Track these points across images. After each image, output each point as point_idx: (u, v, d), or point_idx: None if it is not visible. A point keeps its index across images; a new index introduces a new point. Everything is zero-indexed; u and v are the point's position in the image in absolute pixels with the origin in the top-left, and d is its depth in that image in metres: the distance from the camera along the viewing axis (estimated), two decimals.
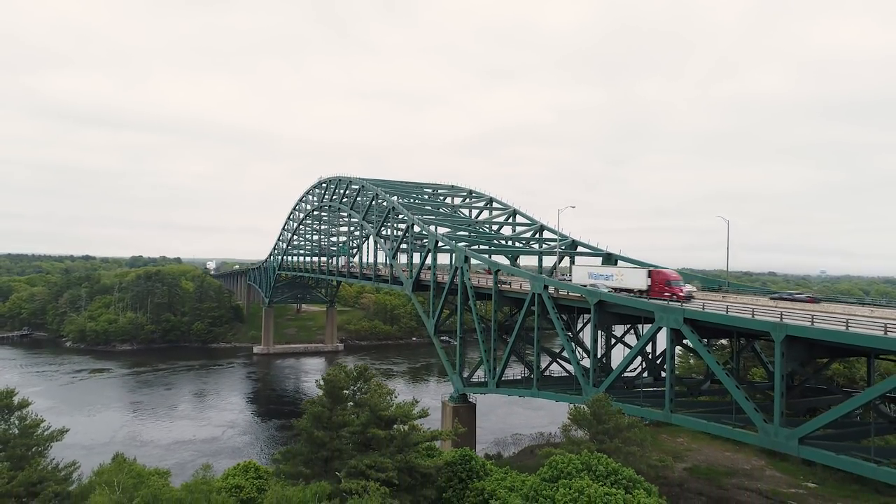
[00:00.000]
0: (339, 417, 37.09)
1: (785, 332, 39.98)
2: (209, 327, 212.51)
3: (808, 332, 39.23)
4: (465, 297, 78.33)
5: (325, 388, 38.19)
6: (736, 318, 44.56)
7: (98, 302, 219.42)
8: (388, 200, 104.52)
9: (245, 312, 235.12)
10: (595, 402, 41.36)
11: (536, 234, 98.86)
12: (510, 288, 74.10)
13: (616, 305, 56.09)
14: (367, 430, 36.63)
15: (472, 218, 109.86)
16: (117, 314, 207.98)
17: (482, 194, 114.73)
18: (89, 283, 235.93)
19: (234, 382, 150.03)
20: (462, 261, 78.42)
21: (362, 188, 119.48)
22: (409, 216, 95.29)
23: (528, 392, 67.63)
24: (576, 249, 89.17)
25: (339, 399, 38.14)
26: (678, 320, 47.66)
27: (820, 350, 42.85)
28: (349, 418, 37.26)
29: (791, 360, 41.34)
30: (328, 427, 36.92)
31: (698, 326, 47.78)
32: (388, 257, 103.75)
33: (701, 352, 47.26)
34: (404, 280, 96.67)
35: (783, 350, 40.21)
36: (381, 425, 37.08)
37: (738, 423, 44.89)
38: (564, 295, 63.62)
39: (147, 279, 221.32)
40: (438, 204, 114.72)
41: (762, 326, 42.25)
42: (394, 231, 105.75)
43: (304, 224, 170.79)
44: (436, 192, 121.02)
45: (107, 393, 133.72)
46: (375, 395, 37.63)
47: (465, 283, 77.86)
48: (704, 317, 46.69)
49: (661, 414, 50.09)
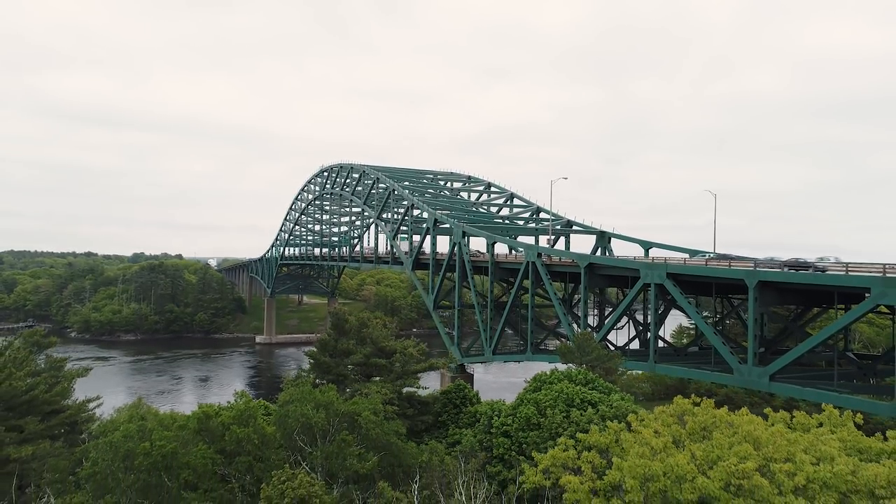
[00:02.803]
0: (343, 346, 40.30)
1: (757, 279, 43.21)
2: (212, 318, 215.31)
3: (777, 275, 42.48)
4: (463, 272, 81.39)
5: (332, 322, 41.45)
6: (714, 268, 47.78)
7: (102, 293, 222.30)
8: (388, 184, 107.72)
9: (247, 304, 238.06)
10: (580, 336, 44.57)
11: (533, 215, 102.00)
12: (506, 259, 77.19)
13: (604, 267, 59.26)
14: (370, 360, 39.86)
15: (470, 201, 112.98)
16: (121, 305, 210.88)
17: (480, 179, 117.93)
18: (93, 276, 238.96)
19: (236, 369, 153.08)
20: (460, 236, 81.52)
21: (364, 174, 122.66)
22: (409, 197, 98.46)
23: (523, 357, 70.72)
24: (571, 228, 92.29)
25: (343, 332, 41.36)
26: (661, 275, 50.82)
27: (791, 297, 46.05)
28: (353, 348, 40.38)
29: (763, 304, 44.51)
30: (334, 354, 40.13)
31: (681, 282, 50.94)
32: (389, 238, 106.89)
33: (682, 303, 50.39)
34: (404, 259, 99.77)
35: (756, 295, 43.40)
36: (383, 356, 40.33)
37: (716, 369, 48.08)
38: (557, 261, 66.72)
39: (150, 271, 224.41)
40: (439, 188, 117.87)
41: (737, 275, 45.44)
42: (394, 214, 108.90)
43: (305, 213, 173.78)
44: (436, 178, 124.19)
45: (111, 379, 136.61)
46: (377, 330, 40.84)
47: (463, 258, 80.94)
48: (685, 270, 49.89)
49: (645, 365, 53.31)
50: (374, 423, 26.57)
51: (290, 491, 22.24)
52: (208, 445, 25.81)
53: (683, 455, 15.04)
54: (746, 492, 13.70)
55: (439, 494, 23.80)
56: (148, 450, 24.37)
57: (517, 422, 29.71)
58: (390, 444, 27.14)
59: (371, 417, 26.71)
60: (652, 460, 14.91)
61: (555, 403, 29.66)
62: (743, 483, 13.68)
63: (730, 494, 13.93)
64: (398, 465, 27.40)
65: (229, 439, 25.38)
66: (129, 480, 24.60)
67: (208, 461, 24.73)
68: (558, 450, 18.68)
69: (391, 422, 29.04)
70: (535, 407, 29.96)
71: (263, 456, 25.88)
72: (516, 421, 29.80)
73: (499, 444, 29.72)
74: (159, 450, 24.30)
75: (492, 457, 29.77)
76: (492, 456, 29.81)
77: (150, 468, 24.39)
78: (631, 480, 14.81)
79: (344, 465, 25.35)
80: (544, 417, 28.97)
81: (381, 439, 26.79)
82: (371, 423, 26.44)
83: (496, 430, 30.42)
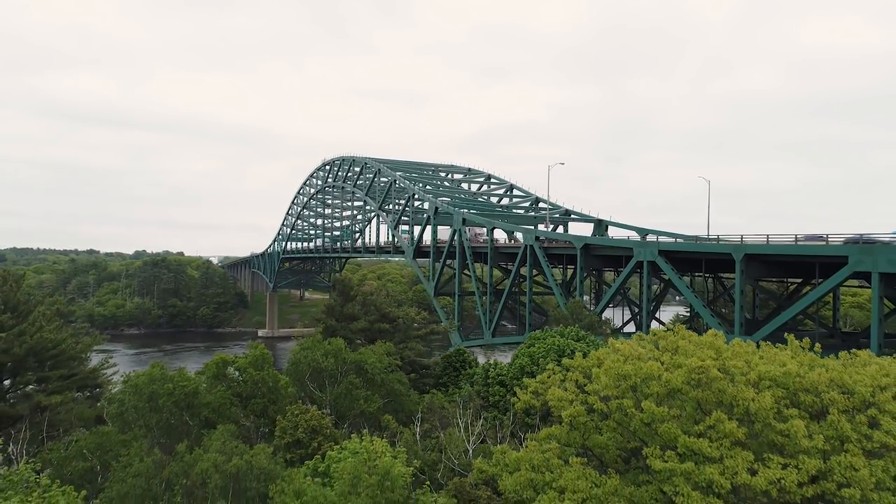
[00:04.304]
0: (349, 311, 42.46)
1: (744, 252, 45.28)
2: (214, 312, 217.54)
3: (762, 248, 44.57)
4: (463, 259, 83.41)
5: (337, 288, 43.59)
6: (703, 244, 49.93)
7: (105, 288, 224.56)
8: (390, 175, 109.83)
9: (249, 299, 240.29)
10: (573, 303, 46.65)
11: (532, 205, 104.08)
12: (504, 244, 79.32)
13: (600, 247, 61.38)
14: (374, 326, 41.98)
15: (471, 191, 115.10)
16: (125, 300, 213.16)
17: (480, 171, 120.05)
18: (97, 271, 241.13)
19: None
20: (460, 223, 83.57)
21: (365, 166, 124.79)
22: (410, 188, 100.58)
23: (522, 338, 72.65)
24: (569, 217, 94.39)
25: (349, 298, 43.53)
26: (653, 252, 52.86)
27: (777, 269, 48.15)
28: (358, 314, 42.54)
29: (750, 276, 46.61)
30: (340, 319, 42.27)
31: (673, 259, 52.96)
32: (391, 228, 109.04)
33: (673, 279, 52.39)
34: (406, 248, 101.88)
35: (743, 267, 45.47)
36: (386, 322, 42.45)
37: None
38: (554, 244, 68.79)
39: (154, 266, 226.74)
40: (439, 180, 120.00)
41: (725, 249, 47.51)
42: (395, 206, 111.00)
43: (308, 207, 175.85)
44: (436, 170, 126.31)
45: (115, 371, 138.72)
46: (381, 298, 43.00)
47: (463, 245, 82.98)
48: (676, 247, 52.01)
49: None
50: (379, 368, 28.66)
51: (304, 422, 24.34)
52: (226, 388, 27.91)
53: (654, 363, 17.13)
54: (704, 384, 15.79)
55: (439, 430, 25.88)
56: (171, 390, 26.46)
57: (512, 371, 31.80)
58: (394, 390, 29.23)
59: (377, 364, 28.80)
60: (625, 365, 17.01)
61: (547, 354, 31.73)
62: (702, 377, 15.77)
63: (690, 387, 16.03)
64: (401, 409, 29.48)
65: (246, 380, 27.47)
66: (154, 419, 26.71)
67: (227, 400, 26.82)
68: (545, 375, 20.77)
69: (394, 373, 31.14)
70: (529, 358, 32.07)
71: (276, 399, 27.97)
72: (511, 370, 31.90)
73: (494, 391, 31.82)
74: (182, 390, 26.40)
75: (488, 403, 31.84)
76: (488, 403, 31.88)
77: (173, 407, 26.50)
78: (605, 379, 16.90)
79: (352, 407, 27.44)
80: (537, 367, 31.04)
81: (386, 385, 28.88)
82: (376, 369, 28.53)
83: (492, 380, 32.52)
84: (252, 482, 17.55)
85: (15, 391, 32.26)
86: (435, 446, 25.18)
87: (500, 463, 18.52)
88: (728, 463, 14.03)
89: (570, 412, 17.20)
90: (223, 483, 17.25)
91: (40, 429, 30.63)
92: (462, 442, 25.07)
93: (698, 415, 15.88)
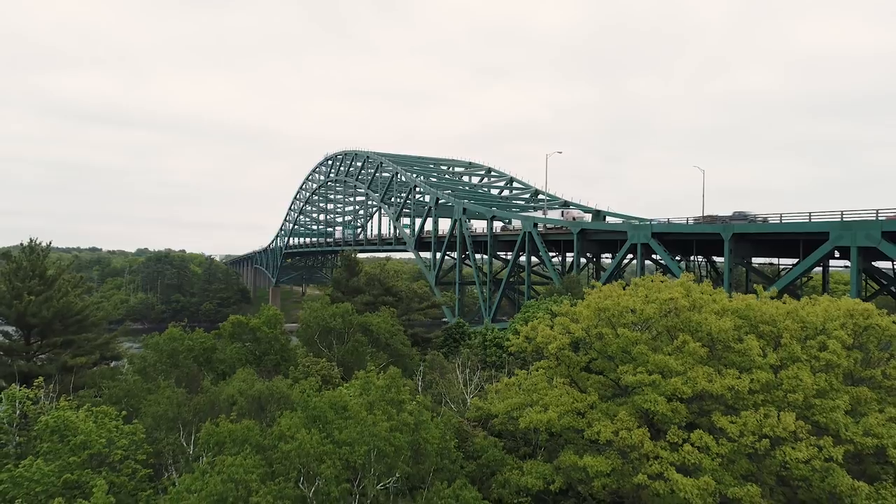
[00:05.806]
0: (354, 284, 44.58)
1: (732, 231, 47.33)
2: (217, 308, 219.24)
3: (748, 227, 46.63)
4: (463, 248, 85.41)
5: (342, 264, 45.71)
6: (695, 225, 51.94)
7: (109, 283, 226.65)
8: (392, 168, 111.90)
9: (252, 295, 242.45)
10: (568, 278, 48.67)
11: (532, 197, 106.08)
12: (504, 231, 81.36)
13: (595, 232, 63.40)
14: (378, 299, 44.07)
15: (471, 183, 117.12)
16: (128, 295, 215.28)
17: (481, 165, 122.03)
18: (100, 267, 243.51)
19: None
20: (461, 213, 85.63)
21: (367, 159, 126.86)
22: (411, 180, 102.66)
23: None
24: (568, 208, 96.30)
25: (354, 273, 45.65)
26: (647, 235, 54.91)
27: (764, 248, 50.20)
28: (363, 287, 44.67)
29: (738, 255, 48.68)
30: (346, 291, 44.37)
31: (666, 241, 54.98)
32: (392, 220, 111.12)
33: (666, 260, 54.45)
34: (408, 240, 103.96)
35: (731, 247, 47.53)
36: (390, 296, 44.56)
37: None
38: (552, 230, 70.80)
39: (157, 262, 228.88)
40: (441, 173, 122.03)
41: (714, 229, 49.57)
42: (397, 198, 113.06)
43: (310, 202, 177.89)
44: (438, 163, 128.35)
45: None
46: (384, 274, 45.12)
47: (463, 234, 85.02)
48: (668, 228, 54.03)
49: None
50: (384, 328, 30.75)
51: (315, 372, 26.43)
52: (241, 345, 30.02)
53: (630, 297, 19.20)
54: (673, 313, 17.86)
55: (439, 382, 27.95)
56: (190, 346, 28.57)
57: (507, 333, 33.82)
58: (398, 350, 31.33)
59: (382, 324, 30.88)
60: (605, 301, 19.07)
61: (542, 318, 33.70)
62: (672, 307, 17.84)
63: (661, 317, 18.10)
64: (405, 369, 31.50)
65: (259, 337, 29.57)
66: (174, 374, 28.79)
67: (242, 356, 28.92)
68: (536, 322, 22.84)
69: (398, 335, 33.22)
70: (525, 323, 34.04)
71: (288, 357, 30.06)
72: (507, 332, 33.92)
73: (492, 353, 33.88)
74: (200, 345, 28.49)
75: (486, 364, 33.88)
76: (486, 363, 33.92)
77: (192, 363, 28.59)
78: (587, 311, 18.98)
79: (359, 364, 29.51)
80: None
81: (391, 346, 30.97)
82: (381, 329, 30.62)
83: (489, 342, 34.58)
84: (273, 406, 19.61)
85: (44, 352, 34.38)
86: (436, 397, 27.23)
87: (493, 397, 20.62)
88: (690, 374, 16.11)
89: (557, 345, 19.27)
90: (248, 406, 19.31)
91: (67, 389, 32.67)
92: (461, 393, 27.16)
93: (667, 340, 17.97)
